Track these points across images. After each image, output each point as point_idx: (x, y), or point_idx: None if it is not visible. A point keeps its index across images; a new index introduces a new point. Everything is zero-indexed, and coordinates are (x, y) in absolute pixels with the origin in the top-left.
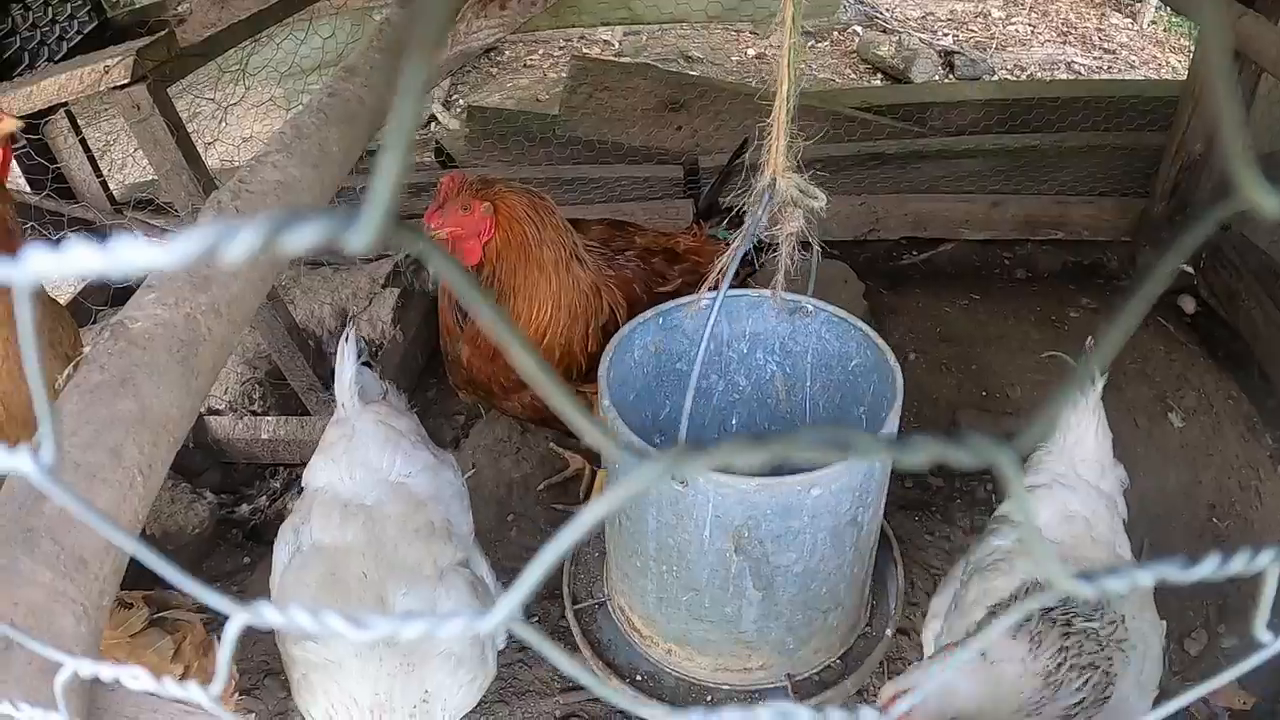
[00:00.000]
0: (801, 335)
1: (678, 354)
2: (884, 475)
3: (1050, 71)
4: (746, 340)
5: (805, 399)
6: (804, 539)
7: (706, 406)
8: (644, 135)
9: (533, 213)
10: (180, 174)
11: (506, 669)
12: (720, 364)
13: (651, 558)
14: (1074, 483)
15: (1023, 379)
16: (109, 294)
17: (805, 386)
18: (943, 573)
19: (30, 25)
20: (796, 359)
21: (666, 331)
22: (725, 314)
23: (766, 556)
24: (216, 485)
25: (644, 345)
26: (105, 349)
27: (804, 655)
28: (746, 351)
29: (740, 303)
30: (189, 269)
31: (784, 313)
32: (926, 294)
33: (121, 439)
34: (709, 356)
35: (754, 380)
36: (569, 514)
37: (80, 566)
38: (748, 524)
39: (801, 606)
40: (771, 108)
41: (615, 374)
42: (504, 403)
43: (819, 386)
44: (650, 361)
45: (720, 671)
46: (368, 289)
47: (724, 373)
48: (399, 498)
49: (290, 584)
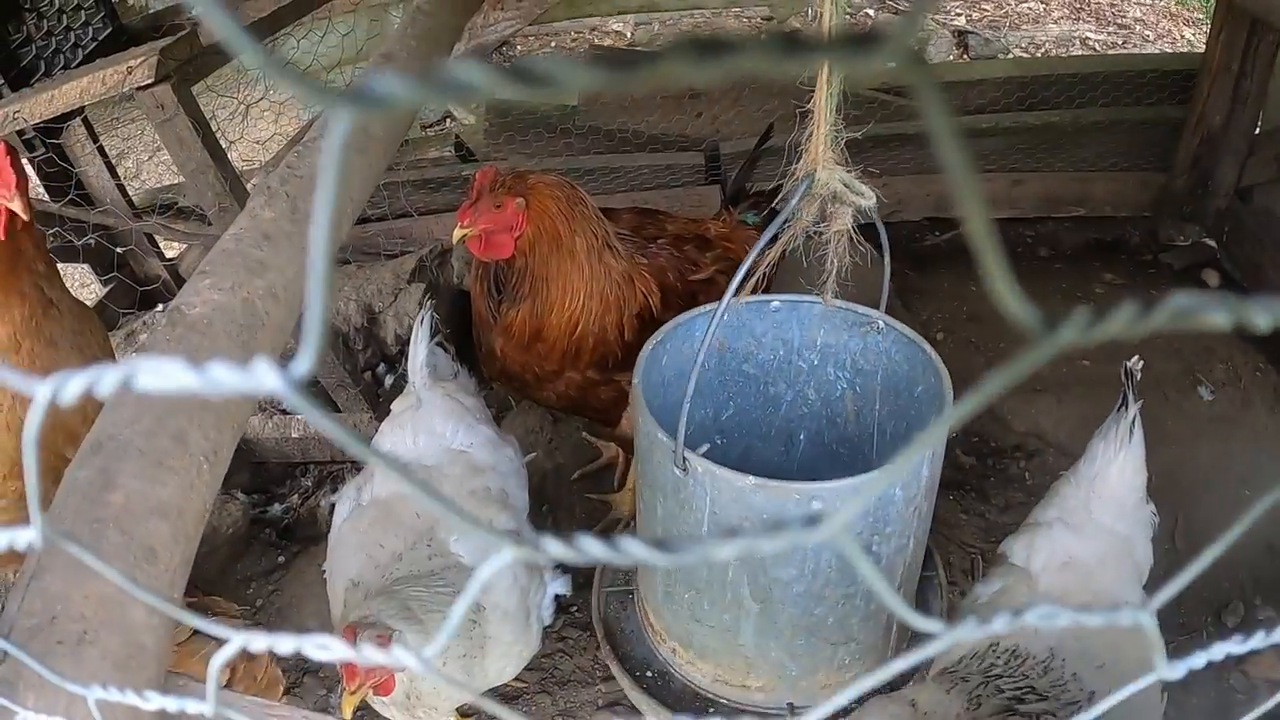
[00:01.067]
0: (872, 354)
1: (744, 355)
2: (909, 508)
3: (1065, 48)
4: (817, 352)
5: (874, 423)
6: (804, 556)
7: (774, 415)
8: (664, 122)
9: (564, 205)
10: (206, 173)
11: (547, 659)
12: (789, 372)
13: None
14: (1081, 523)
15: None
16: (135, 296)
17: (874, 409)
18: (979, 552)
19: (45, 33)
20: (867, 379)
21: (733, 329)
22: (796, 320)
23: (764, 566)
24: (247, 485)
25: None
26: (164, 335)
27: (809, 687)
28: (817, 364)
29: (812, 310)
30: (243, 253)
31: (854, 327)
32: (952, 274)
33: (185, 425)
34: (778, 362)
35: (824, 396)
36: (604, 503)
37: (150, 557)
38: (744, 525)
39: (804, 632)
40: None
41: (669, 361)
42: (538, 393)
43: (886, 411)
44: (713, 357)
45: (719, 683)
46: (392, 284)
47: (792, 382)
48: (459, 462)
49: (346, 532)
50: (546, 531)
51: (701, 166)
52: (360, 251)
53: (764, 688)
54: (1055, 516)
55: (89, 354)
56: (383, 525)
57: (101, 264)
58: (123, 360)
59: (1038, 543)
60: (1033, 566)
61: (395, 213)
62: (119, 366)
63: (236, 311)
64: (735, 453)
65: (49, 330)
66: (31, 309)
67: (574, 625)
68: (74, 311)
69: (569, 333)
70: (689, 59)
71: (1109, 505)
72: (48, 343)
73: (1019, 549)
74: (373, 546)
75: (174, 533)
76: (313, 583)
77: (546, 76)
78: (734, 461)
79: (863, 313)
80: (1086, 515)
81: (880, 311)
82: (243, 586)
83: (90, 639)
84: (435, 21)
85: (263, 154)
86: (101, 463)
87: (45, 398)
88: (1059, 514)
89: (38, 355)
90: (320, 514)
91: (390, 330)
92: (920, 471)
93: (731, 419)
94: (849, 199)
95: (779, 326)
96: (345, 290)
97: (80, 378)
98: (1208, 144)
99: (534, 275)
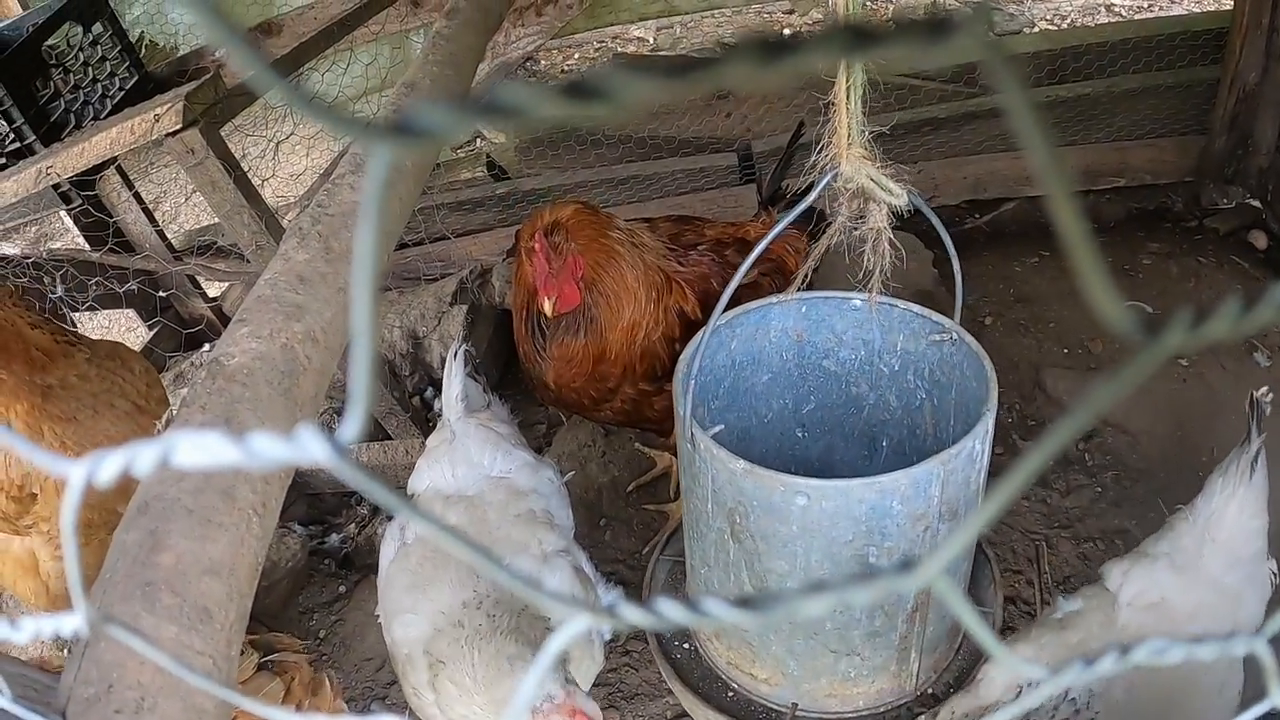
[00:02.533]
0: (948, 366)
1: (824, 350)
2: (916, 526)
3: (1091, 17)
4: (898, 357)
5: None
6: (794, 551)
7: (857, 417)
8: (695, 126)
9: (596, 219)
10: (241, 213)
11: (613, 673)
12: (871, 374)
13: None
14: (1187, 566)
15: (1102, 332)
16: (180, 338)
17: (950, 426)
18: (1043, 538)
19: (72, 87)
20: (943, 391)
21: (811, 323)
22: (878, 322)
23: (758, 554)
24: (304, 517)
25: (782, 329)
26: (204, 388)
27: (813, 691)
28: (898, 369)
29: (893, 314)
30: (279, 297)
31: (930, 335)
32: (994, 255)
33: (232, 480)
34: (859, 362)
35: (904, 404)
36: (661, 514)
37: (205, 617)
38: (739, 509)
39: (801, 631)
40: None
41: (739, 346)
42: (594, 413)
43: (960, 429)
44: (790, 348)
45: (731, 666)
46: (435, 308)
47: (874, 385)
48: (500, 489)
49: (394, 573)
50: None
51: (735, 167)
52: (400, 277)
53: (769, 680)
54: (1165, 551)
55: (120, 409)
56: (431, 563)
57: (146, 308)
58: (161, 435)
59: (1135, 573)
60: (1121, 596)
61: (432, 236)
62: (155, 444)
63: (276, 359)
64: (817, 449)
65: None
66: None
67: (638, 638)
68: (91, 375)
69: (630, 342)
70: (754, 61)
71: (1221, 553)
72: (66, 419)
73: (1116, 574)
74: (428, 597)
75: (227, 590)
76: (375, 611)
77: (602, 91)
78: (814, 457)
79: (937, 321)
80: (1196, 559)
81: (955, 322)
82: (305, 618)
83: (149, 706)
84: (457, 45)
85: (296, 188)
86: (149, 524)
87: (80, 480)
88: (1169, 550)
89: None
90: (377, 541)
91: (436, 354)
92: (928, 490)
93: (813, 414)
94: (878, 196)
95: (860, 326)
96: (389, 317)
97: (116, 457)
98: (1244, 103)
99: (592, 297)
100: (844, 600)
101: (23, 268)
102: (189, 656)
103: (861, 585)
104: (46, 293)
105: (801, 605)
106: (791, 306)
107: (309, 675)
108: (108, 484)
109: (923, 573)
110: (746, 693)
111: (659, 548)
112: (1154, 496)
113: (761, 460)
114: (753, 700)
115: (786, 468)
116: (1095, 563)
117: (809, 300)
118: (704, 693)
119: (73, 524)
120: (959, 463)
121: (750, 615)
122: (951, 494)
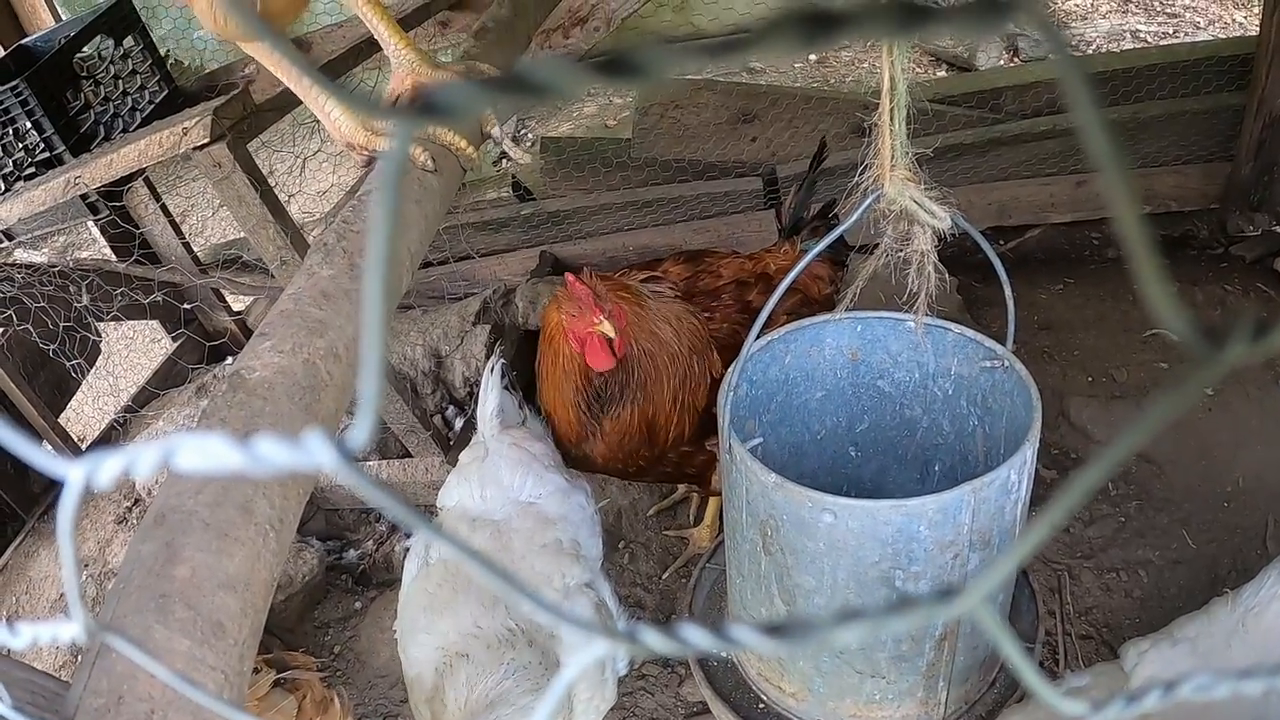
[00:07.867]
0: (1001, 394)
1: (879, 371)
2: (946, 554)
3: (1116, 43)
4: (951, 381)
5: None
6: (822, 568)
7: (910, 440)
8: (719, 150)
9: (615, 279)
10: (266, 228)
11: (628, 697)
12: (924, 398)
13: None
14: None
15: (1127, 360)
16: (204, 351)
17: (1000, 454)
18: (1065, 568)
19: (103, 99)
20: (995, 419)
21: (866, 342)
22: (931, 344)
23: (788, 569)
24: (322, 532)
25: (837, 347)
26: (225, 401)
27: (838, 710)
28: (951, 393)
29: (946, 337)
30: (302, 313)
31: (982, 360)
32: (1019, 282)
33: (250, 494)
34: (913, 385)
35: (957, 429)
36: (681, 539)
37: (218, 632)
38: (770, 521)
39: (828, 649)
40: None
41: (793, 361)
42: (636, 479)
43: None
44: (845, 366)
45: (761, 678)
46: (458, 327)
47: (928, 408)
48: (528, 515)
49: (415, 592)
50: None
51: (760, 191)
52: (424, 295)
53: (795, 695)
54: (1192, 635)
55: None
56: (450, 586)
57: (170, 320)
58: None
59: (1153, 654)
60: (1134, 677)
61: (457, 255)
62: (155, 445)
63: (298, 374)
64: (870, 470)
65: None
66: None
67: (654, 662)
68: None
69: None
70: (796, 36)
71: (1251, 650)
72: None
73: (1133, 654)
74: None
75: (242, 606)
76: (389, 628)
77: (642, 66)
78: (867, 478)
79: (989, 347)
80: (1223, 650)
81: (1007, 348)
82: (320, 633)
83: (159, 718)
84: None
85: (322, 204)
86: (165, 535)
87: (80, 481)
88: (1197, 634)
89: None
90: (395, 558)
91: (458, 373)
92: (958, 517)
93: (866, 433)
94: (922, 219)
95: (914, 348)
96: (411, 335)
97: (115, 460)
98: (1270, 129)
99: (637, 357)
100: (876, 629)
101: (49, 276)
102: (201, 671)
103: (898, 614)
104: (72, 301)
105: (834, 632)
106: (846, 324)
107: (321, 693)
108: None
109: (963, 602)
110: (775, 705)
111: (706, 556)
112: (1177, 527)
113: (813, 476)
114: (781, 714)
115: (839, 486)
116: (1117, 594)
117: (864, 319)
118: (734, 702)
119: (71, 524)
120: (992, 491)
121: (776, 642)
122: (984, 523)
